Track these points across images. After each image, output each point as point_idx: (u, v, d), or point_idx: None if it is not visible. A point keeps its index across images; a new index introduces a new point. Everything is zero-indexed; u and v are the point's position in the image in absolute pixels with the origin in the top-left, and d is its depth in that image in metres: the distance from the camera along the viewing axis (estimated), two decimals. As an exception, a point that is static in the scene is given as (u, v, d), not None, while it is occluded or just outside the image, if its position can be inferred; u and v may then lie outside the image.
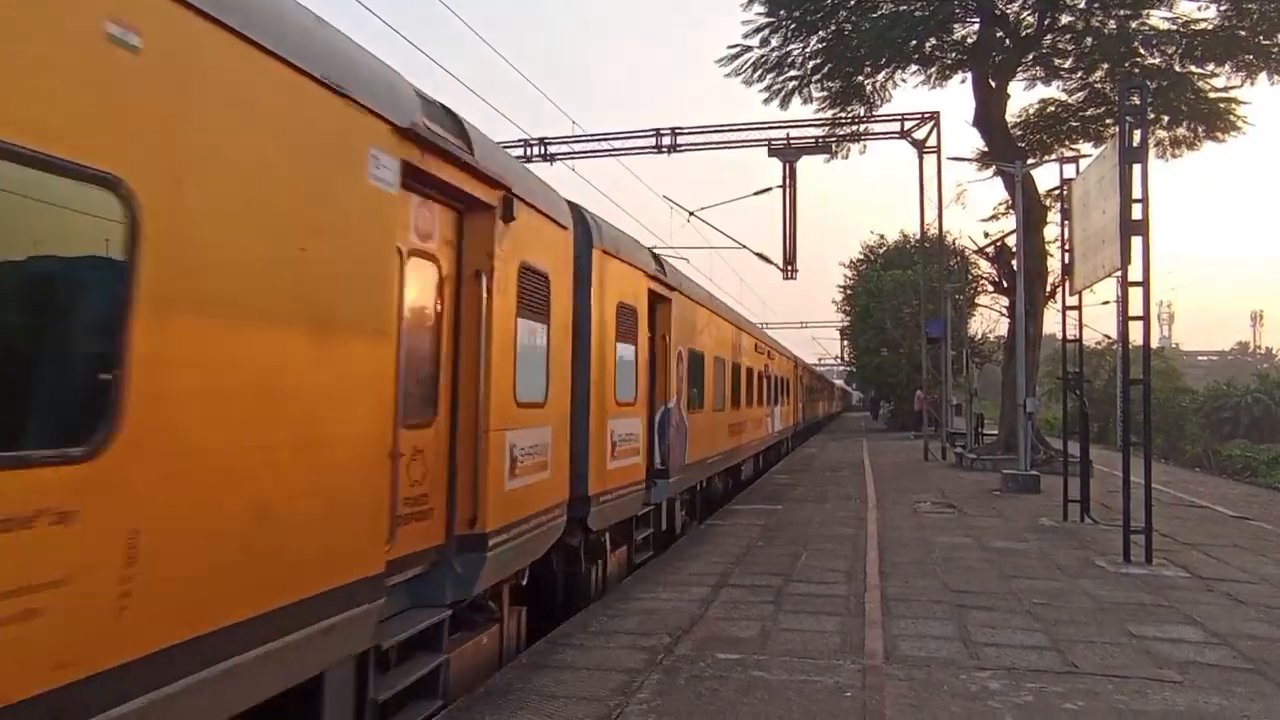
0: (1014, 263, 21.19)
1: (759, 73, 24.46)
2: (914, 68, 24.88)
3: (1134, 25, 21.48)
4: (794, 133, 28.16)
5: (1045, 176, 23.31)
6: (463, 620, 5.69)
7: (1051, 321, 21.61)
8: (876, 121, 27.37)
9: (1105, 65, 22.58)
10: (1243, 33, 20.92)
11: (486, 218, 5.64)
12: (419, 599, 5.12)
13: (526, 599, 6.94)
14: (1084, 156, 14.69)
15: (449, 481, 5.40)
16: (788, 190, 28.49)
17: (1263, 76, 21.80)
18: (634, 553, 9.91)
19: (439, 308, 5.33)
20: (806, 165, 34.53)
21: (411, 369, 4.90)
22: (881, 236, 58.29)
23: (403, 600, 4.95)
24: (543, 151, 28.46)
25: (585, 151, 28.62)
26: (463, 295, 5.54)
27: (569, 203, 7.73)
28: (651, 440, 10.39)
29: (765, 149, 28.38)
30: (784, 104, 25.46)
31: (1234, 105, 22.53)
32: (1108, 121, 22.79)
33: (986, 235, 28.48)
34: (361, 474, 4.15)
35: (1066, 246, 13.72)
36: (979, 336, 42.59)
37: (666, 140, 28.63)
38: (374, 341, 4.23)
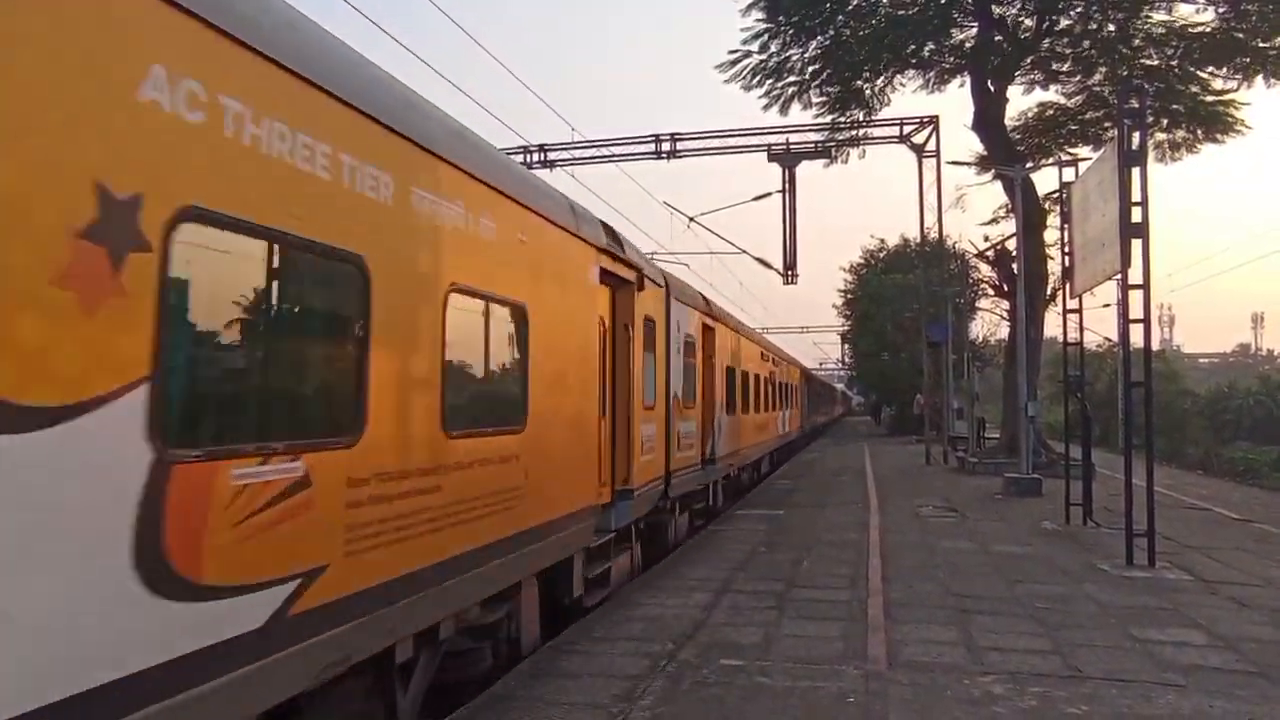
0: (1014, 266, 21.23)
1: (758, 78, 24.55)
2: (912, 72, 24.96)
3: (1133, 26, 21.52)
4: (793, 138, 28.13)
5: (1045, 180, 23.37)
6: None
7: (1052, 325, 21.62)
8: (876, 126, 27.39)
9: (1104, 69, 22.63)
10: (1240, 35, 20.96)
11: (628, 290, 8.89)
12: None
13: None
14: (1083, 160, 14.66)
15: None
16: (787, 195, 28.46)
17: (1259, 80, 21.84)
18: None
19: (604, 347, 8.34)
20: (806, 170, 34.63)
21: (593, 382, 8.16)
22: (882, 241, 58.33)
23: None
24: (543, 158, 28.42)
25: (585, 158, 28.60)
26: (617, 339, 8.70)
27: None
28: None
29: (765, 154, 28.36)
30: (783, 109, 25.57)
31: (1233, 107, 22.56)
32: (1106, 125, 22.80)
33: (986, 239, 28.59)
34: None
35: (1067, 250, 13.73)
36: (980, 340, 42.57)
37: (666, 146, 28.66)
38: (590, 367, 7.61)
